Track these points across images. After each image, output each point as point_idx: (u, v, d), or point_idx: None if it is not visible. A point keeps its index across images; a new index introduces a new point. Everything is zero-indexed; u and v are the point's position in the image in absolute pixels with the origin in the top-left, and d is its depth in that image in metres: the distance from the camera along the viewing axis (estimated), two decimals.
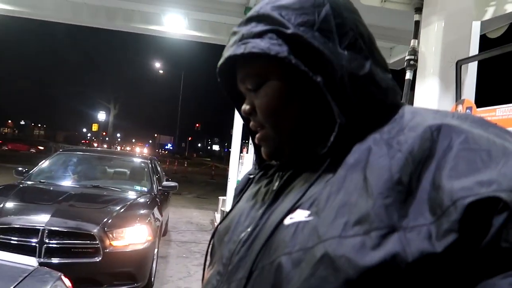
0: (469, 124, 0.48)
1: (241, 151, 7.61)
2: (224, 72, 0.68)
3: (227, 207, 7.19)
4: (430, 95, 1.97)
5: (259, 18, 0.59)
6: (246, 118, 0.68)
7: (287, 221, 0.52)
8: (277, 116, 0.61)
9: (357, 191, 0.48)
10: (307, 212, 0.51)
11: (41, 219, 3.42)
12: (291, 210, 0.53)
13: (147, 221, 3.88)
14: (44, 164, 5.13)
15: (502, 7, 2.01)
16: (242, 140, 7.45)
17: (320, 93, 0.56)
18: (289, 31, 0.56)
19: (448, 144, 0.45)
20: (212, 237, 0.71)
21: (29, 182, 4.57)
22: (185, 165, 26.84)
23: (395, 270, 0.42)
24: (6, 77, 32.61)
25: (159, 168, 6.27)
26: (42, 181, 4.67)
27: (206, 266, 0.70)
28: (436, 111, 0.54)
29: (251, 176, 0.75)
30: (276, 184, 0.62)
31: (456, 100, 1.90)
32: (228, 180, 7.36)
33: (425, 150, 0.46)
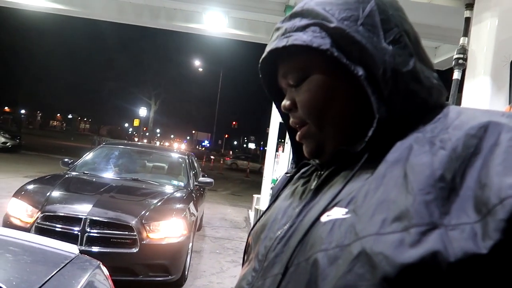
0: None
1: (276, 150, 7.59)
2: (266, 68, 0.68)
3: (261, 205, 7.20)
4: (480, 96, 1.86)
5: (303, 13, 0.59)
6: (285, 115, 0.67)
7: (324, 218, 0.52)
8: (319, 112, 0.60)
9: (396, 188, 0.46)
10: (344, 210, 0.50)
11: (83, 209, 3.56)
12: (328, 208, 0.52)
13: (182, 215, 3.95)
14: (88, 156, 5.35)
15: None
16: (278, 139, 7.42)
17: (361, 89, 0.56)
18: (332, 25, 0.56)
19: (495, 141, 0.43)
20: (249, 235, 0.71)
21: (74, 173, 4.78)
22: (221, 162, 27.17)
23: (436, 270, 0.40)
24: (56, 74, 34.34)
25: (196, 164, 6.37)
26: (86, 172, 4.88)
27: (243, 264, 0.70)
28: (484, 110, 0.51)
29: (289, 175, 0.75)
30: (314, 183, 0.62)
31: (510, 102, 1.79)
32: (263, 178, 7.36)
33: (470, 147, 0.44)
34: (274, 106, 6.60)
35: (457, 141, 0.46)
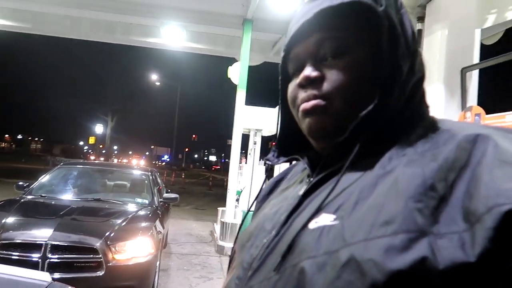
0: (506, 135, 0.47)
1: (239, 162, 7.60)
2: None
3: (227, 218, 7.16)
4: (435, 103, 1.99)
5: None
6: (285, 91, 0.65)
7: (312, 225, 0.51)
8: (355, 92, 0.56)
9: (387, 196, 0.46)
10: (332, 216, 0.50)
11: (43, 234, 3.38)
12: (315, 214, 0.52)
13: (149, 233, 3.86)
14: (45, 178, 5.10)
15: (503, 14, 2.04)
16: (241, 150, 7.44)
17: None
18: (381, 8, 0.54)
19: (483, 152, 0.44)
20: (235, 242, 0.70)
21: (30, 197, 4.54)
22: (183, 176, 26.76)
23: (425, 277, 0.40)
24: (3, 92, 32.55)
25: (159, 180, 6.25)
26: (43, 195, 4.64)
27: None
28: (471, 124, 0.53)
29: (275, 180, 0.75)
30: (303, 189, 0.60)
31: (462, 108, 1.92)
32: (228, 190, 7.33)
33: (460, 160, 0.45)
34: (236, 116, 6.58)
35: (447, 153, 0.46)
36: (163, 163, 57.34)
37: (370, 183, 0.50)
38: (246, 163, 7.83)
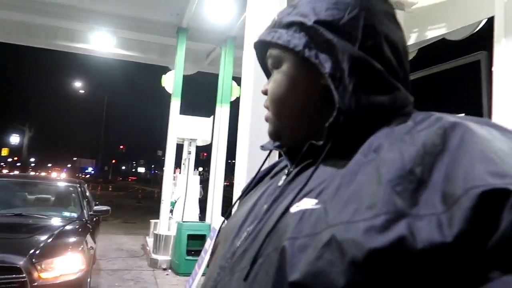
0: (483, 125, 0.50)
1: (174, 172, 7.45)
2: (261, 49, 0.74)
3: (160, 230, 6.95)
4: None
5: (297, 6, 0.65)
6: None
7: (293, 209, 0.53)
8: (279, 102, 0.67)
9: (369, 182, 0.48)
10: (314, 201, 0.51)
11: None
12: (296, 199, 0.54)
13: (79, 248, 3.63)
14: None
15: (424, 33, 2.29)
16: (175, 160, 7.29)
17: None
18: (309, 23, 0.61)
19: (461, 138, 0.46)
20: (217, 236, 0.72)
21: None
22: (110, 189, 25.45)
23: (403, 257, 0.41)
24: None
25: (88, 193, 5.90)
26: None
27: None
28: (450, 114, 0.55)
29: (258, 177, 0.79)
30: (282, 180, 0.64)
31: None
32: (162, 202, 7.13)
33: (438, 145, 0.47)
34: (170, 126, 6.46)
35: (426, 138, 0.48)
36: (87, 176, 53.92)
37: (352, 169, 0.52)
38: (180, 173, 7.69)
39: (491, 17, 1.42)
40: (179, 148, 7.44)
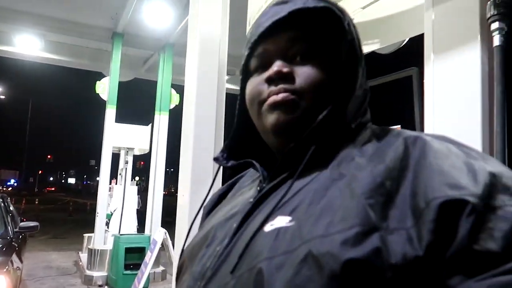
0: (441, 140, 0.53)
1: (109, 182, 7.11)
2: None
3: (96, 245, 6.58)
4: None
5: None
6: (243, 92, 0.66)
7: (267, 228, 0.51)
8: (322, 94, 0.59)
9: (341, 196, 0.49)
10: (288, 218, 0.50)
11: None
12: (270, 217, 0.52)
13: (4, 270, 3.30)
14: None
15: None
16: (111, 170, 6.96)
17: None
18: (346, 23, 0.60)
19: (422, 154, 0.49)
20: (181, 255, 0.67)
21: None
22: (36, 202, 23.63)
23: (378, 269, 0.42)
24: None
25: (12, 208, 5.42)
26: None
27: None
28: (405, 130, 0.58)
29: (223, 191, 0.76)
30: (254, 196, 0.61)
31: None
32: (97, 214, 6.75)
33: (402, 159, 0.49)
34: (105, 135, 6.17)
35: (392, 155, 0.51)
36: (9, 188, 49.55)
37: (323, 185, 0.52)
38: (116, 183, 7.35)
39: (421, 34, 1.54)
40: (115, 157, 7.13)
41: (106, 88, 7.03)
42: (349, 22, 0.61)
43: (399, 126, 1.71)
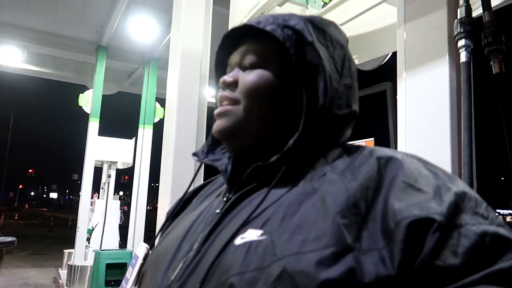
0: (412, 159, 0.54)
1: (91, 197, 6.99)
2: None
3: (76, 261, 6.42)
4: None
5: (290, 17, 0.63)
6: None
7: (238, 241, 0.50)
8: (258, 99, 0.62)
9: (314, 213, 0.49)
10: (259, 231, 0.50)
11: None
12: (241, 229, 0.52)
13: None
14: None
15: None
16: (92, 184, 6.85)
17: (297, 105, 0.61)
18: (310, 39, 0.61)
19: (393, 175, 0.50)
20: (142, 266, 0.66)
21: None
22: (16, 218, 23.02)
23: None
24: None
25: None
26: None
27: None
28: (381, 148, 0.59)
29: (184, 199, 0.75)
30: (221, 206, 0.60)
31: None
32: (78, 229, 6.61)
33: (375, 180, 0.50)
34: (87, 148, 6.09)
35: (365, 174, 0.51)
36: None
37: (296, 200, 0.52)
38: (98, 198, 7.23)
39: (395, 52, 1.60)
40: (98, 171, 7.03)
41: (89, 101, 6.97)
42: (309, 40, 0.61)
43: (372, 139, 1.76)
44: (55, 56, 7.51)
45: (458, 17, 1.22)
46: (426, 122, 1.32)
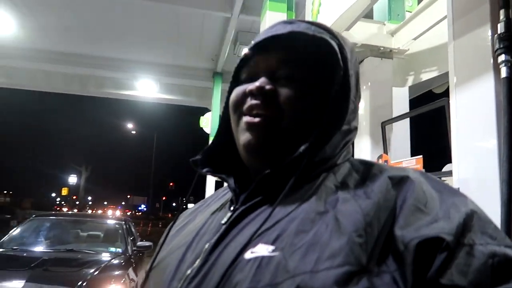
0: (422, 178, 0.53)
1: None
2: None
3: None
4: (363, 152, 2.34)
5: (325, 29, 0.61)
6: (234, 104, 0.62)
7: (248, 255, 0.48)
8: (298, 116, 0.58)
9: (328, 231, 0.47)
10: (271, 247, 0.48)
11: (15, 286, 3.44)
12: (250, 243, 0.50)
13: (122, 281, 3.94)
14: (16, 231, 5.13)
15: (419, 75, 2.48)
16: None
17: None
18: (348, 56, 0.59)
19: (404, 197, 0.49)
20: (148, 275, 0.63)
21: (0, 250, 4.56)
22: (160, 225, 26.24)
23: None
24: None
25: (133, 229, 6.32)
26: (14, 248, 4.66)
27: None
28: (389, 166, 0.58)
29: (192, 209, 0.76)
30: (227, 216, 0.58)
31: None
32: None
33: (388, 200, 0.49)
34: None
35: (378, 193, 0.50)
36: (140, 213, 55.69)
37: (308, 217, 0.50)
38: None
39: None
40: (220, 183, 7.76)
41: (209, 122, 7.81)
42: (347, 56, 0.59)
43: (421, 156, 1.74)
44: (180, 85, 8.63)
45: (498, 32, 1.22)
46: (475, 137, 1.32)
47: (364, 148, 2.40)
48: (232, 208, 0.59)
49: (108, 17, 6.13)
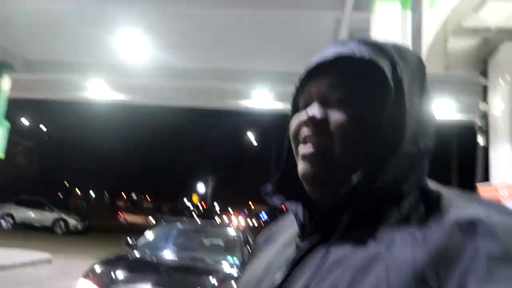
0: (499, 216, 0.46)
1: None
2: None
3: None
4: (501, 161, 1.87)
5: (382, 45, 0.58)
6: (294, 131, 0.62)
7: None
8: (353, 142, 0.56)
9: (379, 284, 0.45)
10: None
11: None
12: (312, 283, 0.51)
13: None
14: (148, 235, 5.61)
15: None
16: None
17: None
18: (400, 76, 0.55)
19: (476, 248, 0.43)
20: None
21: (135, 253, 5.01)
22: None
23: None
24: (119, 157, 37.52)
25: (250, 239, 6.40)
26: (146, 252, 5.08)
27: None
28: (465, 199, 0.51)
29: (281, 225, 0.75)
30: (291, 252, 0.59)
31: None
32: None
33: (451, 250, 0.44)
34: None
35: (438, 239, 0.46)
36: (262, 222, 57.61)
37: (361, 265, 0.49)
38: None
39: None
40: None
41: None
42: (400, 76, 0.55)
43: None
44: (291, 92, 8.58)
45: None
46: None
47: (502, 156, 1.90)
48: (296, 245, 0.60)
49: (226, 31, 6.42)
